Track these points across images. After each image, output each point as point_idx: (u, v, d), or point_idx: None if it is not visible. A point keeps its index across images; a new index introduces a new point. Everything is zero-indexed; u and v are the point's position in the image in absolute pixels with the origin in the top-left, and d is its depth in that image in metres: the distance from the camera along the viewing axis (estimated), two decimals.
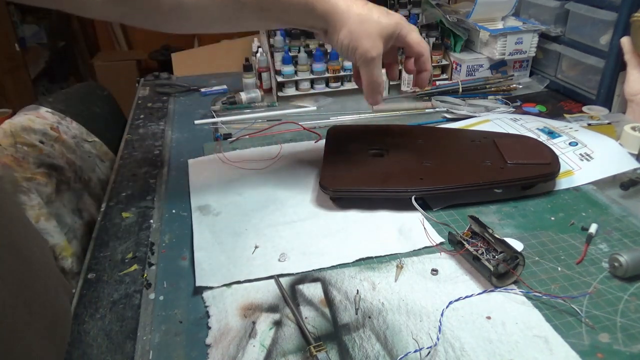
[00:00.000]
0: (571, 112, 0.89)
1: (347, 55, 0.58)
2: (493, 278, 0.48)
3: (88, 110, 0.90)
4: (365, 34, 0.55)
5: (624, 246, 0.54)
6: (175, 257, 0.56)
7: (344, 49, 0.57)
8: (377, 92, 0.61)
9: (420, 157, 0.67)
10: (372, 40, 0.56)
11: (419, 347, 0.42)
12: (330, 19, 0.56)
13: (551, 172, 0.63)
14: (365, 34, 0.55)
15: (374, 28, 0.56)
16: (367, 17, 0.55)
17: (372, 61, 0.57)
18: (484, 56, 1.01)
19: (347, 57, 0.59)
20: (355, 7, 0.56)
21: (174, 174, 0.74)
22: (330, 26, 0.57)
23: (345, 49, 0.57)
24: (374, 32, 0.56)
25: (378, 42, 0.56)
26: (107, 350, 0.44)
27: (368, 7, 0.56)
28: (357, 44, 0.56)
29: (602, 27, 0.87)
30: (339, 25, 0.56)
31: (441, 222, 0.58)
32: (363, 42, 0.55)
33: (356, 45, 0.56)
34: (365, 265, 0.53)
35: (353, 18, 0.55)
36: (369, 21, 0.55)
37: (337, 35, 0.56)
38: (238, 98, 0.97)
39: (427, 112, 0.91)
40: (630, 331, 0.43)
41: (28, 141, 0.68)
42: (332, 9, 0.55)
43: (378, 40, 0.56)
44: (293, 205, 0.64)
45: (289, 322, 0.46)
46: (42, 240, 0.44)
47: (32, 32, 2.55)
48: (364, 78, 0.60)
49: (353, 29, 0.55)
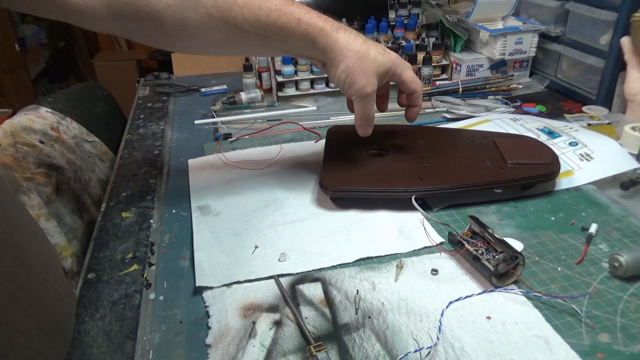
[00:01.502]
0: (571, 112, 0.89)
1: (342, 89, 0.60)
2: (493, 278, 0.48)
3: (88, 110, 0.90)
4: (362, 71, 0.57)
5: (624, 246, 0.54)
6: (175, 257, 0.56)
7: (341, 83, 0.59)
8: (369, 124, 0.63)
9: (420, 157, 0.67)
10: (368, 77, 0.57)
11: (419, 347, 0.42)
12: (329, 53, 0.57)
13: (551, 172, 0.63)
14: (362, 71, 0.57)
15: (371, 66, 0.57)
16: (365, 54, 0.57)
17: (367, 97, 0.59)
18: (484, 56, 1.01)
19: (343, 90, 0.60)
20: (354, 44, 0.57)
21: (174, 173, 0.74)
22: (329, 60, 0.58)
23: (342, 83, 0.59)
24: (370, 70, 0.57)
25: (373, 79, 0.58)
26: (107, 350, 0.44)
27: (367, 45, 0.58)
28: (354, 79, 0.57)
29: (602, 27, 0.87)
30: (338, 61, 0.57)
31: (441, 222, 0.58)
32: (359, 79, 0.57)
33: (352, 81, 0.58)
34: (365, 265, 0.53)
35: (351, 54, 0.57)
36: (366, 59, 0.57)
37: (335, 69, 0.58)
38: (238, 98, 0.97)
39: (427, 112, 0.91)
40: (630, 331, 0.43)
41: (28, 141, 0.68)
42: (332, 44, 0.57)
43: (373, 77, 0.58)
44: (293, 205, 0.64)
45: (289, 322, 0.46)
46: (45, 242, 0.44)
47: (32, 32, 2.55)
48: (357, 112, 0.61)
49: (351, 65, 0.57)
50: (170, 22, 0.54)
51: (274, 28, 0.55)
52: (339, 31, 0.57)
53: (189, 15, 0.54)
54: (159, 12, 0.53)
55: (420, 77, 1.01)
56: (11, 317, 0.35)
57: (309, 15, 0.56)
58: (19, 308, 0.36)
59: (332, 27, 0.57)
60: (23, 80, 2.21)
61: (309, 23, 0.56)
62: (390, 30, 1.08)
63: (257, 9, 0.54)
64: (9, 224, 0.38)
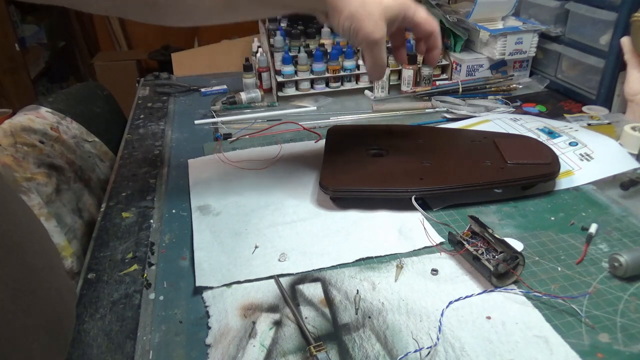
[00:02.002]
0: (571, 112, 0.89)
1: (349, 38, 0.56)
2: (493, 278, 0.48)
3: (88, 110, 0.90)
4: (367, 16, 0.53)
5: (624, 246, 0.54)
6: (175, 257, 0.56)
7: (346, 31, 0.55)
8: (381, 72, 0.59)
9: (420, 157, 0.67)
10: (375, 22, 0.54)
11: (419, 347, 0.42)
12: (331, 1, 0.54)
13: (551, 172, 0.63)
14: (367, 15, 0.53)
15: (377, 9, 0.54)
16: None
17: (376, 44, 0.55)
18: (484, 56, 1.01)
19: (349, 40, 0.57)
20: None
21: (174, 174, 0.74)
22: (331, 8, 0.55)
23: (347, 31, 0.55)
24: (376, 14, 0.54)
25: (381, 24, 0.54)
26: (107, 350, 0.44)
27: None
28: (359, 26, 0.53)
29: (602, 27, 0.87)
30: (340, 8, 0.54)
31: (441, 222, 0.58)
32: (365, 24, 0.53)
33: (358, 27, 0.54)
34: (365, 265, 0.53)
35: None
36: (371, 2, 0.53)
37: (338, 17, 0.54)
38: (238, 98, 0.97)
39: (427, 112, 0.91)
40: (630, 331, 0.43)
41: (28, 141, 0.68)
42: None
43: (381, 21, 0.54)
44: (293, 205, 0.64)
45: (289, 322, 0.46)
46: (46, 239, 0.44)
47: (32, 32, 2.55)
48: (367, 61, 0.58)
49: (354, 11, 0.53)
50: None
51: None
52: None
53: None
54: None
55: (420, 77, 1.01)
56: (13, 317, 0.35)
57: None
58: (21, 307, 0.36)
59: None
60: (23, 80, 2.21)
61: None
62: None
63: None
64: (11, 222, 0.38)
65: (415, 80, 1.00)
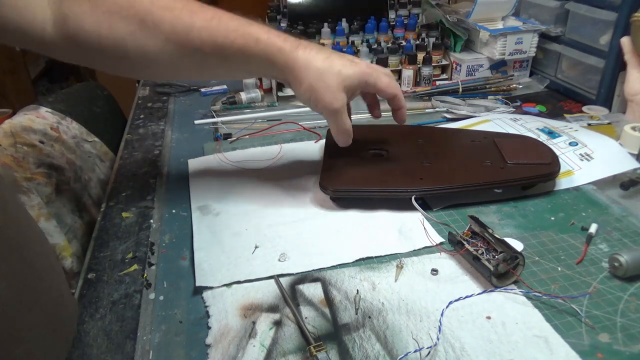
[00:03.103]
0: (571, 112, 0.89)
1: (310, 106, 0.59)
2: (493, 278, 0.48)
3: (88, 110, 0.90)
4: (326, 87, 0.56)
5: (624, 246, 0.54)
6: (175, 257, 0.56)
7: (306, 102, 0.58)
8: (347, 138, 0.62)
9: (420, 157, 0.67)
10: (333, 93, 0.56)
11: (419, 347, 0.42)
12: (290, 72, 0.56)
13: (551, 172, 0.63)
14: (326, 87, 0.55)
15: (334, 81, 0.56)
16: (327, 70, 0.55)
17: (336, 113, 0.58)
18: (484, 56, 1.01)
19: (311, 108, 0.59)
20: (315, 60, 0.55)
21: (174, 173, 0.74)
22: (291, 79, 0.57)
23: (308, 102, 0.58)
24: (334, 85, 0.56)
25: (339, 94, 0.56)
26: (107, 350, 0.44)
27: (330, 60, 0.56)
28: (318, 97, 0.56)
29: (602, 27, 0.87)
30: (300, 79, 0.56)
31: (441, 222, 0.58)
32: (324, 96, 0.56)
33: (317, 98, 0.56)
34: (365, 265, 0.53)
35: (312, 72, 0.55)
36: (329, 74, 0.55)
37: (298, 88, 0.57)
38: (238, 98, 0.97)
39: (427, 112, 0.91)
40: (630, 331, 0.43)
41: (28, 141, 0.68)
42: (292, 63, 0.55)
43: (339, 92, 0.56)
44: (293, 205, 0.64)
45: (289, 322, 0.46)
46: (44, 241, 0.44)
47: None
48: (331, 128, 0.61)
49: (313, 83, 0.55)
50: (133, 50, 0.54)
51: (233, 49, 0.54)
52: (298, 49, 0.55)
53: (150, 42, 0.54)
54: (122, 40, 0.53)
55: (420, 77, 1.01)
56: (16, 312, 0.35)
57: (268, 35, 0.55)
58: (23, 303, 0.36)
59: (291, 46, 0.55)
60: (23, 80, 2.21)
61: (268, 43, 0.54)
62: (390, 30, 1.08)
63: (214, 30, 0.54)
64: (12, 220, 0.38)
65: (415, 80, 1.00)
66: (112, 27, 0.52)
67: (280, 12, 1.16)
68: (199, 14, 0.54)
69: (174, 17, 0.53)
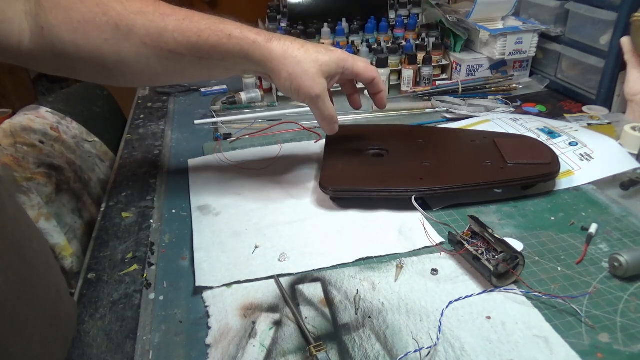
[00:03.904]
0: (571, 112, 0.89)
1: (292, 96, 0.59)
2: (493, 278, 0.48)
3: (88, 110, 0.90)
4: (305, 74, 0.56)
5: (624, 246, 0.54)
6: (175, 257, 0.56)
7: (288, 91, 0.59)
8: (332, 124, 0.62)
9: (420, 157, 0.67)
10: (312, 78, 0.57)
11: (419, 347, 0.42)
12: (268, 64, 0.57)
13: (551, 172, 0.63)
14: (305, 74, 0.56)
15: (313, 67, 0.57)
16: (304, 57, 0.56)
17: (318, 98, 0.58)
18: (484, 56, 1.01)
19: (294, 98, 0.60)
20: (291, 50, 0.56)
21: (174, 173, 0.74)
22: (269, 71, 0.58)
23: (289, 91, 0.58)
24: (313, 71, 0.57)
25: (319, 80, 0.57)
26: (107, 350, 0.44)
27: (305, 49, 0.57)
28: (299, 84, 0.57)
29: (602, 27, 0.87)
30: (279, 70, 0.56)
31: (441, 222, 0.58)
32: (304, 82, 0.57)
33: (298, 86, 0.57)
34: (365, 265, 0.53)
35: (290, 60, 0.56)
36: (307, 61, 0.56)
37: (278, 79, 0.58)
38: (238, 98, 0.97)
39: (427, 112, 0.91)
40: (630, 331, 0.43)
41: (28, 141, 0.68)
42: (268, 55, 0.56)
43: (319, 77, 0.57)
44: (293, 205, 0.64)
45: (289, 322, 0.46)
46: (43, 240, 0.44)
47: None
48: (315, 114, 0.61)
49: (292, 71, 0.56)
50: (110, 57, 0.54)
51: (207, 47, 0.55)
52: (272, 41, 0.56)
53: (125, 48, 0.54)
54: (98, 48, 0.53)
55: (420, 77, 1.01)
56: (15, 309, 0.35)
57: (240, 30, 0.55)
58: (22, 298, 0.36)
59: (264, 38, 0.56)
60: (23, 80, 2.21)
61: (241, 37, 0.55)
62: (390, 30, 1.08)
63: (187, 30, 0.54)
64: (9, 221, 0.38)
65: (415, 80, 1.00)
66: (87, 36, 0.53)
67: (280, 12, 1.16)
68: (171, 16, 0.55)
69: (146, 21, 0.54)
